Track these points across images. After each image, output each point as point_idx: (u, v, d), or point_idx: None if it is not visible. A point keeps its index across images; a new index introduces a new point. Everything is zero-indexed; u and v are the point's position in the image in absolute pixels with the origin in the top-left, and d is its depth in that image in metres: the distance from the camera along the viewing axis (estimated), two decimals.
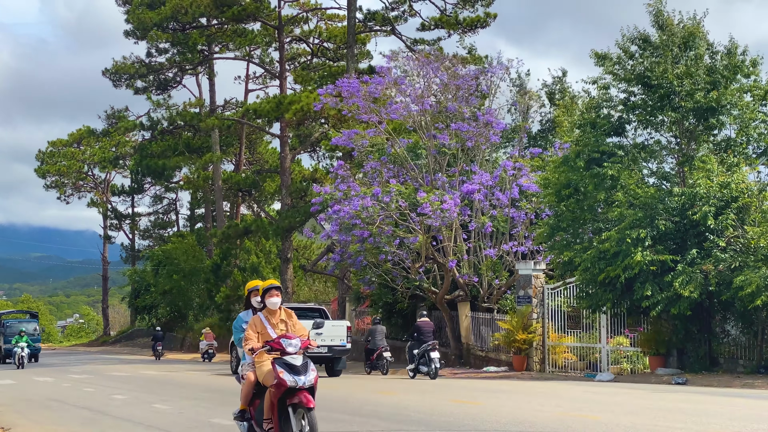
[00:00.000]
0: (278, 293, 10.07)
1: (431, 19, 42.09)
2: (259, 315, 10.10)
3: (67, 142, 71.57)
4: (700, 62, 22.15)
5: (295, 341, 9.58)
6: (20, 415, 16.98)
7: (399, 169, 30.22)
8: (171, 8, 45.69)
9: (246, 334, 9.93)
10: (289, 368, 9.38)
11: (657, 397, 16.61)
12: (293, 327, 10.09)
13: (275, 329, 9.95)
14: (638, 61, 22.64)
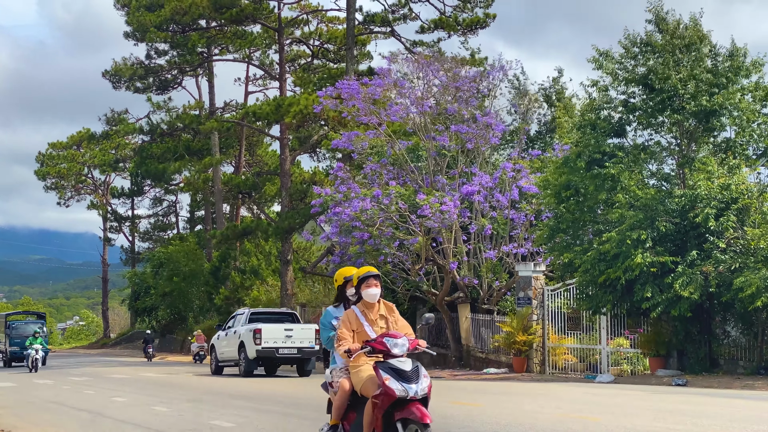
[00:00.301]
0: (377, 283, 8.42)
1: (430, 21, 42.12)
2: (354, 309, 8.48)
3: (66, 145, 71.59)
4: (701, 64, 22.14)
5: (402, 341, 7.99)
6: (20, 417, 16.97)
7: (399, 171, 30.22)
8: (170, 10, 45.70)
9: (339, 332, 8.35)
10: (398, 374, 7.73)
11: (657, 398, 16.60)
12: (395, 323, 8.50)
13: (374, 326, 8.41)
14: (640, 62, 22.64)
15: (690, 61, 22.14)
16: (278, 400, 18.19)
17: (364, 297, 8.41)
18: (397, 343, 7.93)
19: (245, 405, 17.16)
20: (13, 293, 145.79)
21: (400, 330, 8.35)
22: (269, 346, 25.79)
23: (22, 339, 40.94)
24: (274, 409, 16.12)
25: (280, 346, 26.33)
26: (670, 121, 22.51)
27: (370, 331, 8.32)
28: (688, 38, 22.33)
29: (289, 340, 26.28)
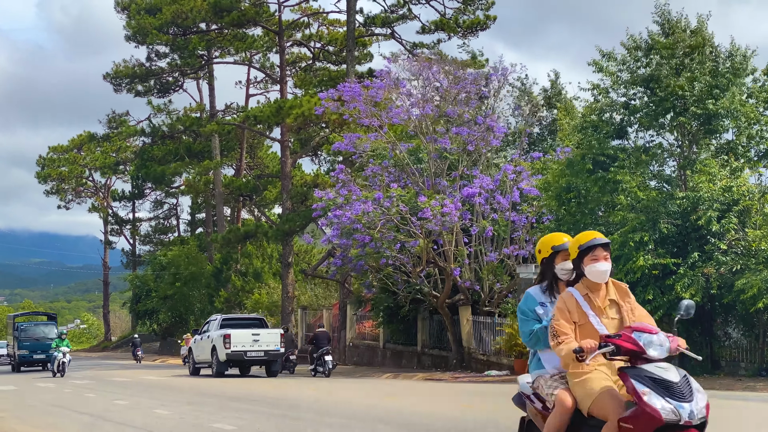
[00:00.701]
0: (607, 255, 5.96)
1: (431, 22, 42.14)
2: (572, 292, 5.96)
3: (67, 148, 71.66)
4: (705, 66, 22.13)
5: (660, 338, 5.55)
6: (21, 421, 16.97)
7: (400, 174, 30.22)
8: (171, 13, 45.76)
9: (554, 324, 5.84)
10: (662, 387, 5.38)
11: None
12: (631, 312, 5.99)
13: (602, 316, 5.91)
14: (643, 63, 22.63)
15: (694, 63, 22.12)
16: (277, 402, 18.20)
17: (588, 275, 5.92)
18: (653, 341, 5.50)
19: (245, 407, 17.17)
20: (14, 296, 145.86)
21: (639, 321, 5.87)
22: (238, 350, 28.04)
23: (32, 342, 39.73)
24: (273, 412, 16.13)
25: (248, 349, 28.81)
26: (672, 123, 22.51)
27: (597, 324, 5.85)
28: (692, 40, 22.32)
29: (256, 344, 28.87)
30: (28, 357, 39.66)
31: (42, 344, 39.23)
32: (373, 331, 35.69)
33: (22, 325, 41.11)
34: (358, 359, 36.09)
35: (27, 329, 40.59)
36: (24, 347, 39.79)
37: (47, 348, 36.50)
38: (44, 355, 38.35)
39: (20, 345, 39.81)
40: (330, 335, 32.01)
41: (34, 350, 39.73)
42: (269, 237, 43.92)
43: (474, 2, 41.47)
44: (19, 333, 40.23)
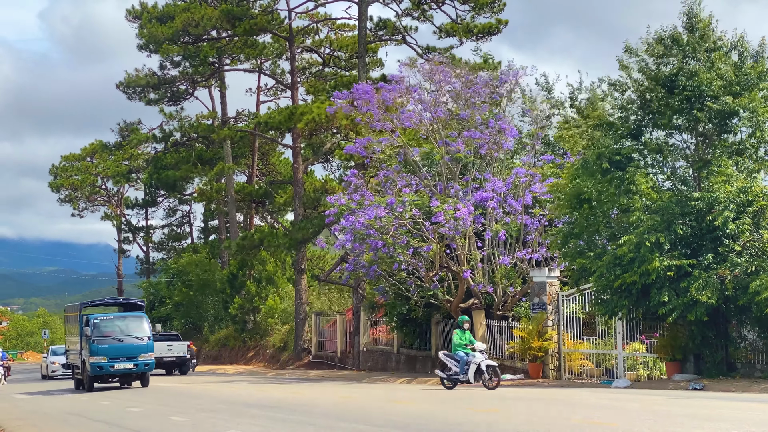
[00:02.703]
0: None
1: (444, 26, 42.13)
2: None
3: (80, 156, 71.94)
4: (727, 65, 22.03)
5: None
6: (37, 429, 17.03)
7: (412, 178, 30.21)
8: (182, 22, 45.90)
9: None
10: None
11: (674, 403, 16.52)
12: None
13: None
14: (663, 61, 22.52)
15: (718, 59, 21.99)
16: (291, 408, 18.19)
17: None
18: None
19: (259, 413, 17.17)
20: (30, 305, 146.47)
21: None
22: (157, 356, 33.08)
23: (111, 347, 28.00)
24: (288, 417, 16.12)
25: (164, 355, 38.72)
26: (686, 124, 22.41)
27: None
28: (715, 38, 22.23)
29: (170, 352, 39.48)
30: (106, 368, 27.93)
31: (128, 348, 28.24)
32: (386, 336, 35.65)
33: (94, 318, 28.44)
34: (372, 364, 36.06)
35: (103, 324, 28.41)
36: (99, 352, 27.79)
37: (135, 353, 28.27)
38: (131, 365, 28.14)
39: (93, 349, 27.78)
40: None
41: (116, 357, 27.97)
42: (282, 245, 43.96)
43: (486, 7, 41.46)
44: (93, 330, 27.94)
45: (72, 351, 31.35)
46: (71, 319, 31.89)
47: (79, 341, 29.19)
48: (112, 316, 29.37)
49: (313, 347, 42.09)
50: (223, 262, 57.52)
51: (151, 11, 51.04)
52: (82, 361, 28.82)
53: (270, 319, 47.73)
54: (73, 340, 31.02)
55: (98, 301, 33.36)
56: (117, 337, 28.24)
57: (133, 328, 28.64)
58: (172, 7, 49.77)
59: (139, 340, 28.34)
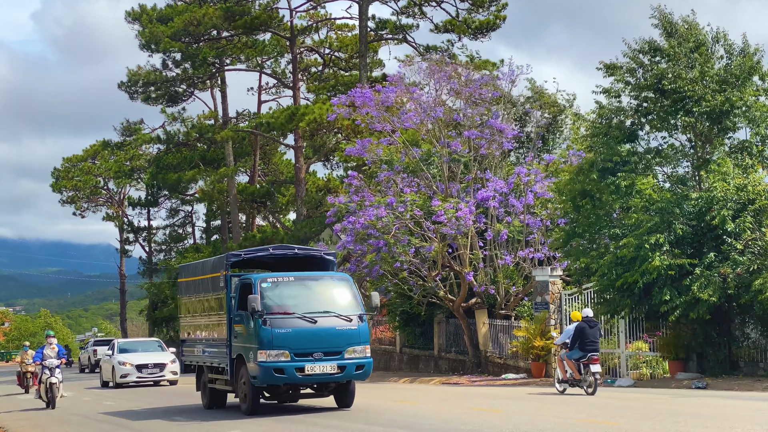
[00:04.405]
0: None
1: (444, 22, 42.16)
2: None
3: (81, 158, 72.01)
4: (711, 64, 22.06)
5: None
6: (42, 429, 17.06)
7: (413, 178, 30.21)
8: (183, 21, 45.94)
9: None
10: None
11: (677, 401, 16.54)
12: None
13: None
14: (647, 68, 22.58)
15: (701, 61, 22.02)
16: (295, 408, 18.21)
17: None
18: None
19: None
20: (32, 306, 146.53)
21: None
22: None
23: (298, 332, 16.32)
24: (292, 418, 16.14)
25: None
26: (683, 124, 22.43)
27: None
28: (695, 38, 22.24)
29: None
30: (290, 372, 16.12)
31: (326, 335, 16.49)
32: (389, 335, 35.67)
33: (264, 282, 16.83)
34: (375, 364, 35.96)
35: (281, 293, 16.91)
36: (279, 342, 16.16)
37: (340, 345, 16.48)
38: (334, 366, 16.38)
39: (267, 338, 16.17)
40: None
41: (307, 352, 16.27)
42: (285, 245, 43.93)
43: (484, 4, 41.49)
44: (260, 304, 16.30)
45: (195, 342, 19.59)
46: (197, 286, 19.49)
47: (222, 323, 17.65)
48: (293, 277, 17.01)
49: None
50: None
51: (150, 13, 51.09)
52: (232, 359, 17.17)
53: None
54: (197, 322, 19.50)
55: (256, 252, 19.02)
56: (304, 317, 16.31)
57: (333, 298, 16.98)
58: (170, 9, 49.82)
59: (346, 321, 16.42)
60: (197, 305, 19.63)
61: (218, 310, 18.10)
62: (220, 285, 17.93)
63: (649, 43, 22.64)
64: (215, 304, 18.32)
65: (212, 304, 18.53)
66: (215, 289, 18.33)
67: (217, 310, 18.20)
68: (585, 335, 19.15)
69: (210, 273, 18.81)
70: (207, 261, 20.29)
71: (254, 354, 16.22)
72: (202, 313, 19.22)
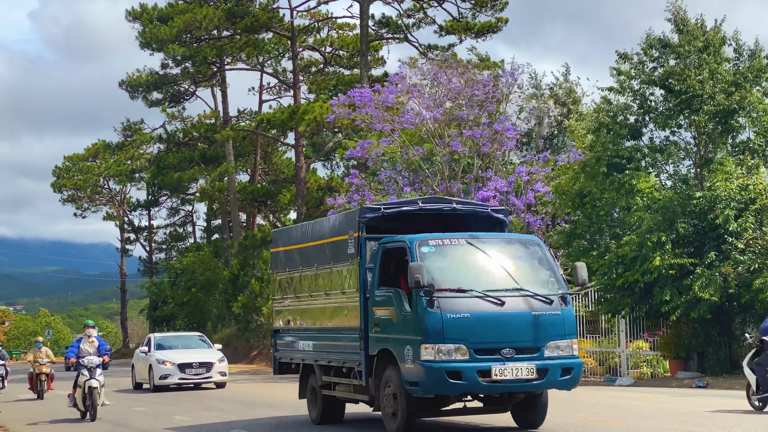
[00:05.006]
0: None
1: (445, 23, 42.18)
2: None
3: (82, 157, 72.03)
4: (720, 64, 22.05)
5: None
6: (42, 429, 17.06)
7: (414, 178, 30.21)
8: (184, 22, 45.95)
9: None
10: None
11: (678, 400, 16.54)
12: None
13: None
14: (657, 62, 22.57)
15: (710, 61, 22.01)
16: (296, 407, 18.22)
17: None
18: None
19: (263, 413, 17.20)
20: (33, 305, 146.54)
21: None
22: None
23: (481, 318, 11.52)
24: (292, 415, 16.14)
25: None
26: (688, 122, 22.43)
27: None
28: (706, 38, 22.24)
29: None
30: (469, 376, 11.37)
31: (515, 324, 11.69)
32: None
33: (425, 246, 12.01)
34: None
35: (451, 263, 12.17)
36: (454, 334, 11.38)
37: (539, 339, 11.75)
38: (528, 368, 11.63)
39: (432, 327, 11.33)
40: None
41: (493, 347, 11.56)
42: None
43: (486, 5, 41.50)
44: (426, 279, 11.35)
45: (299, 333, 15.06)
46: (305, 255, 14.73)
47: (351, 307, 13.12)
48: (465, 240, 12.31)
49: None
50: (226, 261, 57.61)
51: (150, 12, 51.10)
52: (370, 357, 12.56)
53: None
54: (303, 305, 14.84)
55: (400, 206, 13.84)
56: (487, 296, 11.68)
57: (523, 270, 12.29)
58: (171, 8, 49.84)
59: (545, 303, 11.86)
60: (304, 282, 14.60)
61: (343, 288, 13.23)
62: (349, 252, 13.05)
63: (660, 39, 22.62)
64: (338, 280, 13.41)
65: (332, 279, 13.58)
66: (338, 259, 13.41)
67: (340, 288, 13.32)
68: None
69: (329, 237, 13.87)
70: (322, 221, 15.03)
71: (414, 349, 11.34)
72: (314, 293, 14.23)
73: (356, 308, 12.80)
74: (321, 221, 15.08)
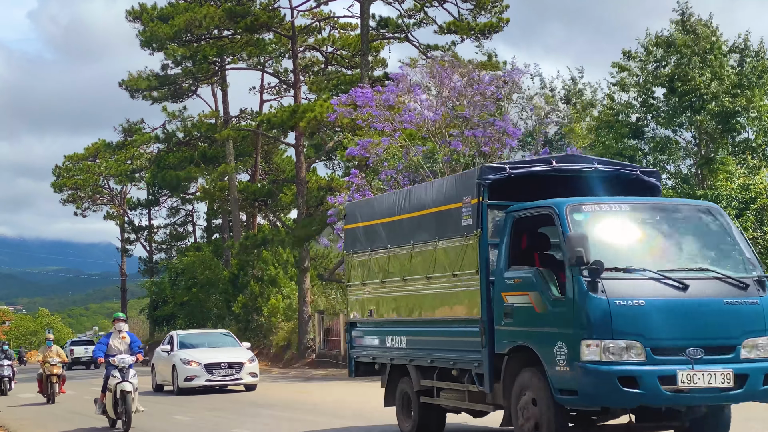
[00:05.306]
0: None
1: (446, 24, 42.17)
2: None
3: (82, 156, 72.09)
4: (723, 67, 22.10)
5: None
6: (43, 428, 17.06)
7: (415, 177, 30.20)
8: (184, 21, 45.96)
9: None
10: None
11: None
12: None
13: None
14: (661, 63, 22.63)
15: (715, 63, 22.04)
16: (296, 406, 18.22)
17: None
18: None
19: (264, 412, 17.19)
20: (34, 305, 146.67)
21: None
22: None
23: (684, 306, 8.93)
24: (294, 416, 16.14)
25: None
26: (689, 122, 22.45)
27: None
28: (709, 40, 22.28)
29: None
30: (650, 384, 8.71)
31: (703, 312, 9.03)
32: None
33: (581, 221, 9.33)
34: None
35: (610, 237, 9.38)
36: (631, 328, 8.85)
37: (734, 337, 9.10)
38: (729, 368, 8.99)
39: (604, 320, 8.72)
40: None
41: (680, 346, 8.92)
42: (285, 243, 44.00)
43: (487, 5, 41.50)
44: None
45: (386, 326, 12.46)
46: (395, 230, 12.21)
47: (467, 292, 10.48)
48: (628, 205, 9.64)
49: (316, 346, 42.13)
50: (226, 261, 57.67)
51: (150, 12, 51.12)
52: (495, 356, 10.00)
53: (273, 318, 47.79)
54: (392, 292, 12.27)
55: (530, 166, 10.84)
56: (665, 277, 8.90)
57: (701, 246, 9.67)
58: (171, 7, 49.86)
59: (737, 288, 9.10)
60: (394, 263, 11.96)
61: (453, 269, 10.55)
62: (463, 224, 10.36)
63: (666, 39, 22.65)
64: (445, 259, 10.78)
65: (437, 258, 10.94)
66: (445, 233, 10.79)
67: (448, 269, 10.68)
68: None
69: (433, 206, 11.21)
70: (420, 188, 12.40)
71: (569, 347, 8.87)
72: (409, 277, 11.58)
73: (475, 294, 10.09)
74: (418, 188, 12.42)
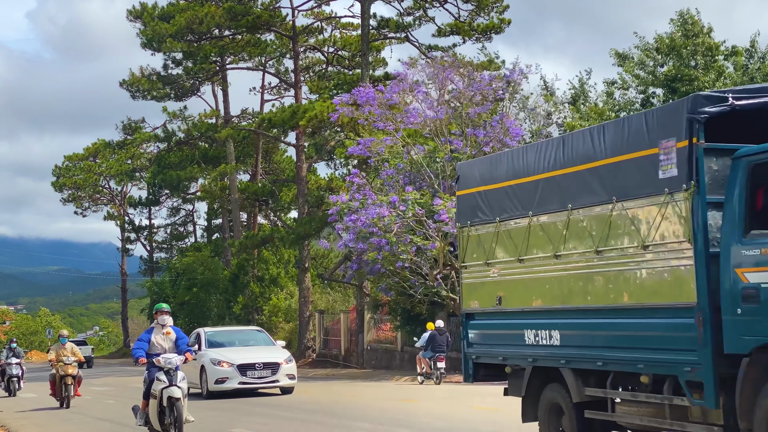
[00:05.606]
0: None
1: (446, 25, 42.17)
2: None
3: (83, 156, 72.08)
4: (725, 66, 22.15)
5: None
6: (42, 427, 17.08)
7: (415, 176, 30.21)
8: (185, 20, 45.98)
9: None
10: None
11: None
12: None
13: None
14: (659, 62, 22.65)
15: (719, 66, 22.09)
16: (297, 406, 18.24)
17: None
18: None
19: (264, 412, 17.20)
20: (34, 304, 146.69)
21: None
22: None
23: None
24: (294, 416, 16.16)
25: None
26: None
27: None
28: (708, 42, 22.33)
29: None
30: None
31: None
32: (390, 334, 35.68)
33: None
34: (376, 363, 36.09)
35: None
36: None
37: None
38: None
39: None
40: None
41: None
42: (285, 242, 44.02)
43: (488, 6, 41.48)
44: None
45: (522, 318, 10.02)
46: (543, 191, 9.48)
47: (676, 270, 7.77)
48: None
49: (317, 346, 42.16)
50: (226, 261, 57.67)
51: (150, 11, 51.14)
52: (720, 357, 7.36)
53: (274, 318, 47.82)
54: (531, 273, 9.73)
55: (757, 95, 7.76)
56: None
57: None
58: (172, 7, 49.89)
59: None
60: (536, 235, 9.60)
61: (645, 240, 8.11)
62: (662, 176, 7.92)
63: (669, 40, 22.68)
64: (627, 226, 8.33)
65: (615, 226, 8.48)
66: (628, 191, 8.34)
67: (637, 240, 8.23)
68: (435, 340, 25.23)
69: (604, 157, 8.64)
70: (578, 134, 9.40)
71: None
72: (563, 252, 9.16)
73: (687, 272, 7.65)
74: (576, 135, 9.41)
